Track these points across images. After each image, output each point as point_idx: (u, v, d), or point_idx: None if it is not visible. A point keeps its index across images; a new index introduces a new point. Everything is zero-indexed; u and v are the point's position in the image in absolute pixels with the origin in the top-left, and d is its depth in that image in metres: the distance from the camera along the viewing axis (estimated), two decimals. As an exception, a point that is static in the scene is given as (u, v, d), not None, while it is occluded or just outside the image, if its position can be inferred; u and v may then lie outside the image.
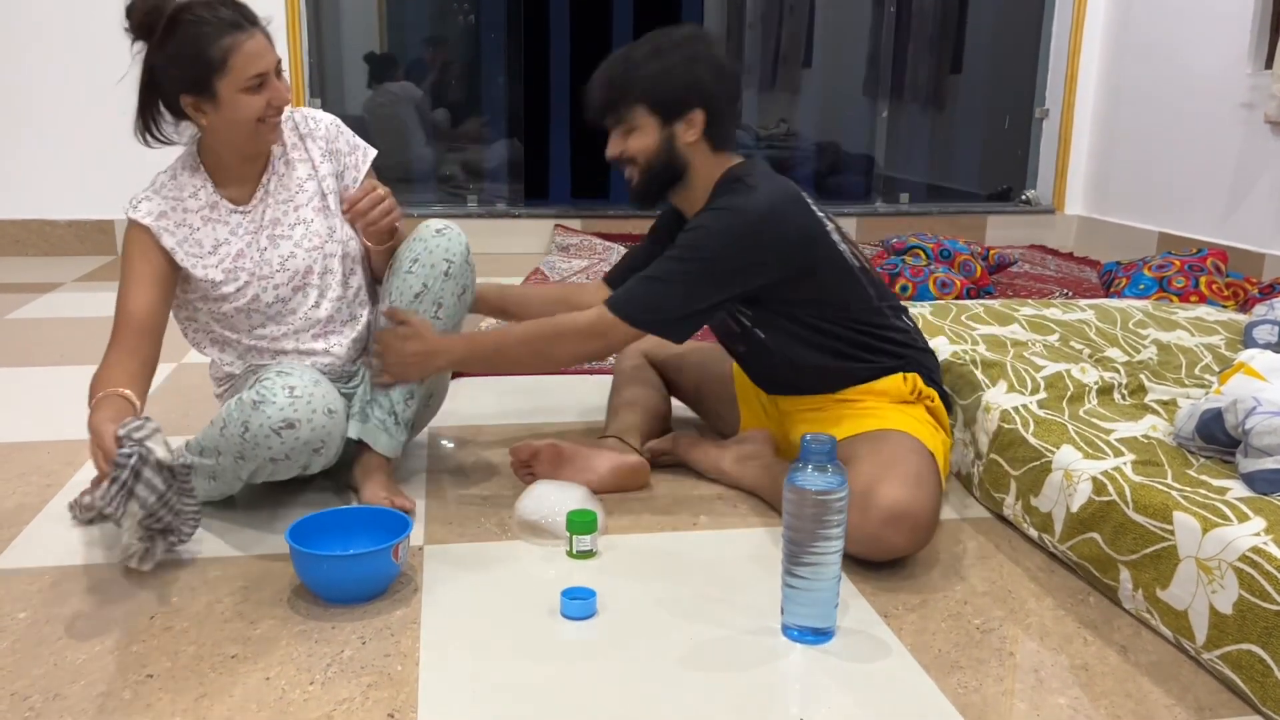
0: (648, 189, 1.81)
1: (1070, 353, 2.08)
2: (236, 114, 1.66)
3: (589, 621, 1.45)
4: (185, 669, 1.32)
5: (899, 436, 1.70)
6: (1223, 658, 1.31)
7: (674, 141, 1.76)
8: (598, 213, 4.73)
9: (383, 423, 1.80)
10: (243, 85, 1.64)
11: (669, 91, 1.74)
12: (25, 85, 4.11)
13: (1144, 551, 1.45)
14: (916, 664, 1.36)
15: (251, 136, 1.71)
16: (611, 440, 1.96)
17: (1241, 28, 3.82)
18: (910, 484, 1.59)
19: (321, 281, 1.82)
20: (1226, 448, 1.58)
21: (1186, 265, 3.26)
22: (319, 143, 1.85)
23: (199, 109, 1.67)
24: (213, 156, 1.77)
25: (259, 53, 1.65)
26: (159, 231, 1.72)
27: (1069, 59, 4.79)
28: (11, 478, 1.93)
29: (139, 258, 1.72)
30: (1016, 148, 5.19)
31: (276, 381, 1.62)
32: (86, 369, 2.67)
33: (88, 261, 4.15)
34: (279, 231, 1.79)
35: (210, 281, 1.76)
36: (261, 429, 1.59)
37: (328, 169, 1.84)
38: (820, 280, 1.76)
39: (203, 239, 1.76)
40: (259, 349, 1.82)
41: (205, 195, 1.77)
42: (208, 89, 1.64)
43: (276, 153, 1.82)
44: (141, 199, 1.74)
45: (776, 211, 1.71)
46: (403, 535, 1.51)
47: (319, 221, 1.81)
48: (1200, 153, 4.05)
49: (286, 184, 1.81)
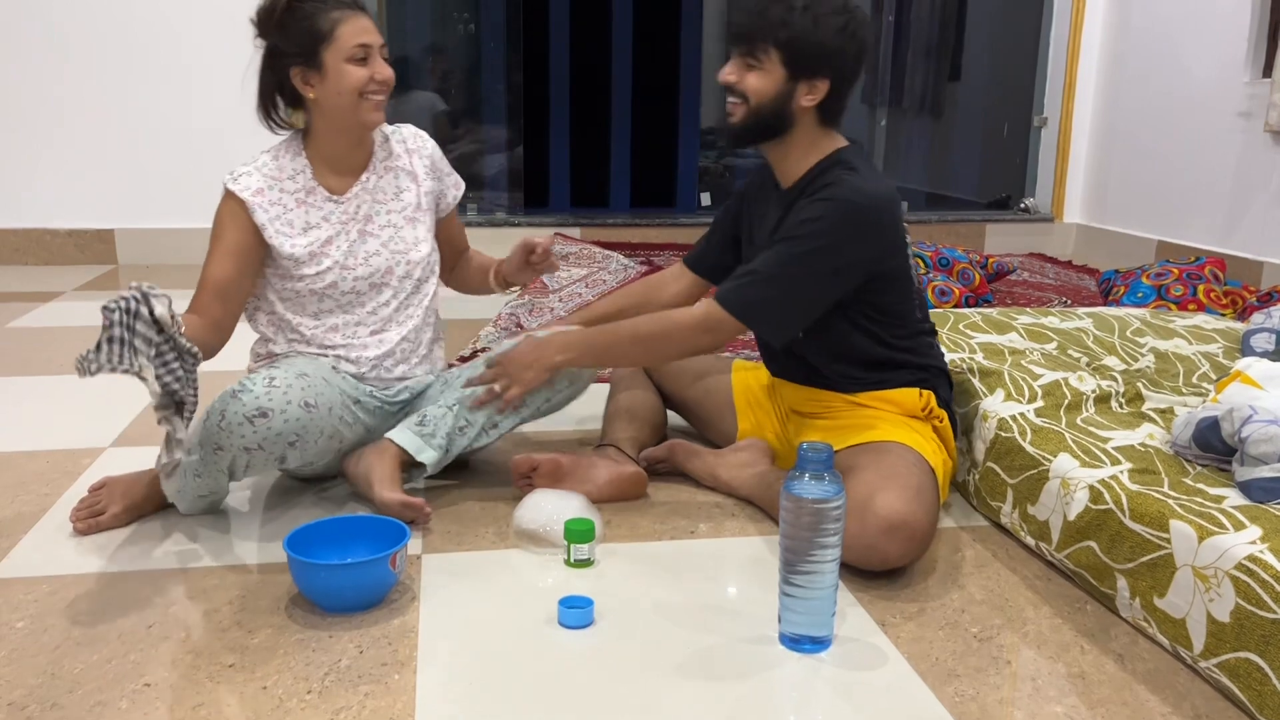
0: (745, 130, 1.78)
1: (1068, 361, 2.08)
2: (341, 84, 1.76)
3: (586, 630, 1.45)
4: (183, 678, 1.32)
5: (902, 449, 1.70)
6: (1220, 666, 1.31)
7: (791, 98, 1.74)
8: (597, 221, 4.74)
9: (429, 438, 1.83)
10: (347, 54, 1.75)
11: (809, 49, 1.71)
12: (26, 94, 4.12)
13: (1141, 560, 1.45)
14: (914, 672, 1.36)
15: (354, 110, 1.79)
16: (609, 450, 1.96)
17: (1239, 36, 3.83)
18: (910, 495, 1.59)
19: (398, 284, 1.91)
20: (1223, 456, 1.58)
21: (1185, 273, 3.27)
22: (424, 160, 1.97)
23: (307, 82, 1.78)
24: (317, 143, 1.86)
25: (365, 28, 1.78)
26: (253, 207, 1.80)
27: (1067, 67, 4.80)
28: (10, 486, 1.93)
29: (229, 228, 1.80)
30: (1015, 156, 5.20)
31: (261, 373, 1.66)
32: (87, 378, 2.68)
33: (88, 270, 4.15)
34: (369, 229, 1.88)
35: (293, 259, 1.82)
36: (236, 416, 1.62)
37: (430, 186, 1.96)
38: (893, 283, 1.78)
39: (294, 219, 1.83)
40: (310, 338, 1.86)
41: (303, 180, 1.85)
42: (315, 59, 1.76)
43: (380, 155, 1.92)
44: (241, 173, 1.82)
45: (889, 206, 1.73)
46: (400, 544, 1.51)
47: (407, 230, 1.92)
48: (1198, 161, 4.06)
49: (385, 186, 1.91)
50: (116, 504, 1.75)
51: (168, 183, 4.23)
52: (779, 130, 1.77)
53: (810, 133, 1.78)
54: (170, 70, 4.18)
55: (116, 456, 2.09)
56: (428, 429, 1.83)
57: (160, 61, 4.17)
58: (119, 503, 1.75)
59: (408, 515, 1.72)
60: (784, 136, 1.78)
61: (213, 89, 4.22)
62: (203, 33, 4.18)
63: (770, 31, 1.71)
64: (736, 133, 1.79)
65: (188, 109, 4.21)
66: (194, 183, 4.26)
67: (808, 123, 1.77)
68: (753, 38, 1.73)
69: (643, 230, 4.74)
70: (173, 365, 1.54)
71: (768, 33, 1.71)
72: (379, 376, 1.90)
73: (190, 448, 1.68)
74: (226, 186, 1.81)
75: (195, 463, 1.69)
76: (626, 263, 4.21)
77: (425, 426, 1.84)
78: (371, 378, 1.90)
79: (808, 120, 1.76)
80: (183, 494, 1.73)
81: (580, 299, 3.57)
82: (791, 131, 1.77)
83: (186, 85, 4.20)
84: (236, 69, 4.30)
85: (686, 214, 5.02)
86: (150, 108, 4.19)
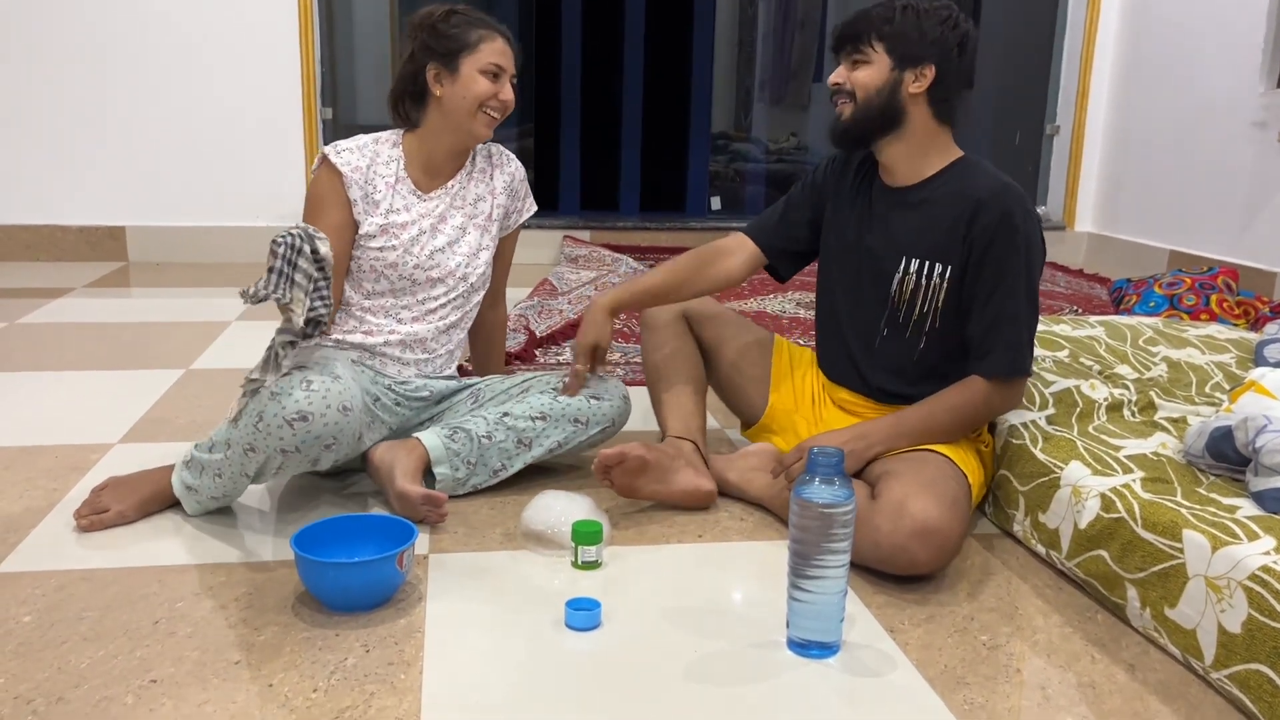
0: (856, 125, 1.76)
1: (1080, 369, 2.07)
2: (468, 90, 1.89)
3: (593, 633, 1.45)
4: (189, 674, 1.32)
5: (941, 460, 1.69)
6: (1231, 677, 1.30)
7: (899, 88, 1.73)
8: (606, 224, 4.74)
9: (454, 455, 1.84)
10: (482, 66, 1.89)
11: (912, 35, 1.72)
12: (38, 92, 4.13)
13: (1152, 569, 1.44)
14: (922, 679, 1.35)
15: (470, 117, 1.91)
16: (686, 448, 1.91)
17: (1254, 47, 3.82)
18: (946, 504, 1.58)
19: (455, 283, 1.98)
20: (1236, 466, 1.57)
21: (1197, 283, 3.25)
22: (504, 177, 2.06)
23: (439, 79, 1.90)
24: (421, 141, 1.96)
25: (504, 51, 1.93)
26: (349, 182, 1.90)
27: (1080, 76, 4.79)
28: (18, 482, 1.93)
29: (330, 204, 1.90)
30: (1027, 164, 5.19)
31: (295, 376, 1.66)
32: (95, 374, 2.70)
33: (98, 267, 4.16)
34: (441, 227, 1.97)
35: (367, 234, 1.91)
36: (275, 419, 1.62)
37: (503, 201, 2.05)
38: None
39: (379, 200, 1.92)
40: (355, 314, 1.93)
41: (395, 169, 1.95)
42: (454, 62, 1.89)
43: (468, 166, 2.02)
44: (344, 148, 1.93)
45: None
46: (408, 543, 1.50)
47: (474, 236, 2.00)
48: (1211, 171, 4.05)
49: (466, 194, 2.01)
50: (120, 502, 1.74)
51: (178, 180, 4.25)
52: (892, 124, 1.75)
53: (926, 127, 1.77)
54: (182, 68, 4.20)
55: (124, 453, 2.09)
56: (456, 445, 1.84)
57: (172, 60, 4.19)
58: (123, 501, 1.75)
59: (423, 511, 1.72)
60: (898, 131, 1.76)
61: (224, 88, 4.24)
62: (214, 31, 4.19)
63: (873, 26, 1.73)
64: (847, 129, 1.78)
65: (199, 108, 4.22)
66: (205, 181, 4.28)
67: (921, 115, 1.75)
68: (857, 36, 1.75)
69: (652, 234, 4.74)
70: (327, 296, 1.66)
71: (871, 27, 1.74)
72: (396, 358, 1.94)
73: (215, 445, 1.70)
74: (328, 157, 1.90)
75: (219, 461, 1.69)
76: (636, 266, 4.20)
77: (455, 443, 1.85)
78: (389, 356, 1.93)
79: (920, 113, 1.75)
80: (195, 493, 1.74)
81: (590, 302, 3.56)
82: (905, 125, 1.76)
83: (198, 83, 4.21)
84: (248, 68, 4.34)
85: (696, 218, 5.02)
86: (162, 106, 4.20)
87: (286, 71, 4.25)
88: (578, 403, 1.95)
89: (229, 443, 1.67)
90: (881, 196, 1.84)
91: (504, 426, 1.89)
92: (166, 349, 2.93)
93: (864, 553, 1.58)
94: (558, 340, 3.05)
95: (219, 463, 1.69)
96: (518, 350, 2.86)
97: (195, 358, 2.82)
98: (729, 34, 6.16)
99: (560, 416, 1.93)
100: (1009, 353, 1.71)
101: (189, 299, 3.63)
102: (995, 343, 1.71)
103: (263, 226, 4.31)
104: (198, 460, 1.73)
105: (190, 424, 2.29)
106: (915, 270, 1.77)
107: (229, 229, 4.33)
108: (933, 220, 1.76)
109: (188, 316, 3.35)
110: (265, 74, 4.25)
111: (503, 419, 1.90)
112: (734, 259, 1.99)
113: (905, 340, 1.81)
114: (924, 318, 1.78)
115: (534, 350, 2.91)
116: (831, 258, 1.93)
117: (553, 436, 1.92)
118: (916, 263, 1.77)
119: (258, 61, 4.24)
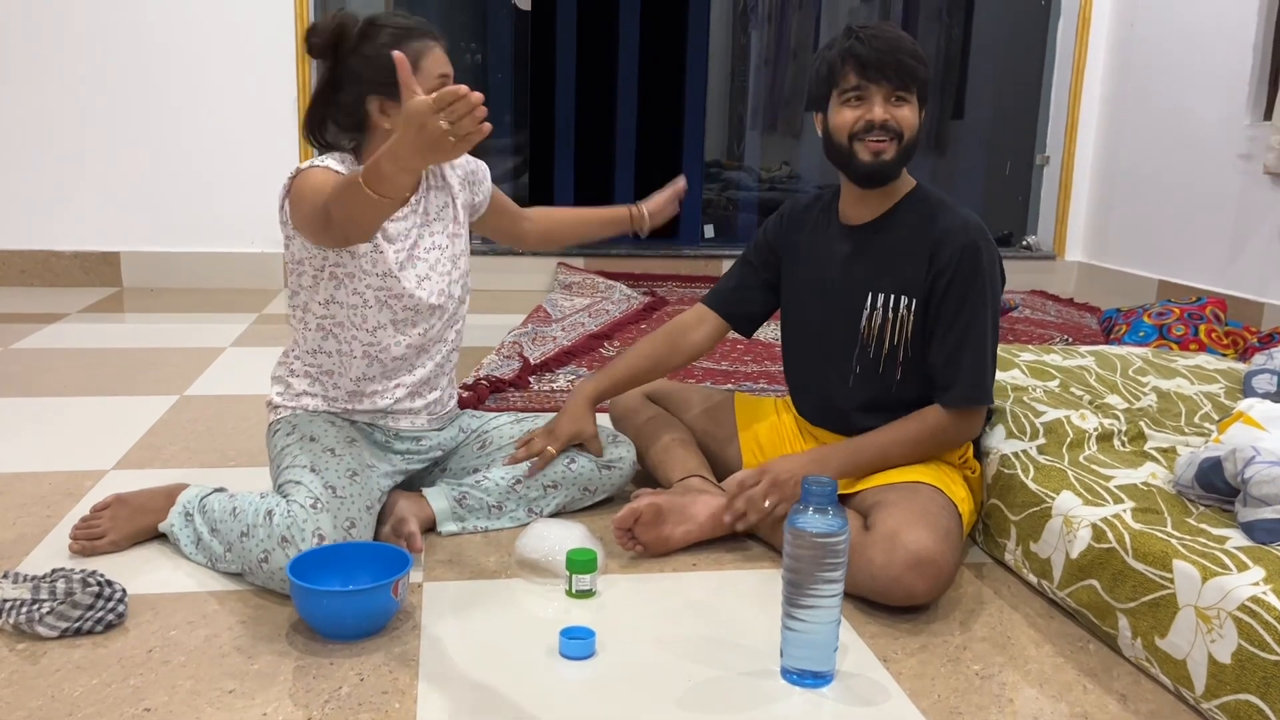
0: (897, 166, 1.75)
1: (1070, 399, 2.09)
2: None
3: (587, 661, 1.45)
4: (182, 703, 1.31)
5: (932, 491, 1.70)
6: (1221, 708, 1.31)
7: (921, 128, 1.74)
8: (600, 251, 4.76)
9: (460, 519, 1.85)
10: (430, 87, 1.63)
11: (926, 79, 1.73)
12: (32, 116, 4.15)
13: (1143, 599, 1.45)
14: (915, 709, 1.36)
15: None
16: (694, 480, 1.91)
17: (1240, 79, 3.86)
18: (940, 535, 1.59)
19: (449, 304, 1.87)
20: (1226, 496, 1.58)
21: (1186, 313, 3.28)
22: (456, 174, 1.92)
23: (384, 111, 1.72)
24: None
25: (442, 59, 1.73)
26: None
27: (1070, 106, 4.84)
28: (12, 508, 1.93)
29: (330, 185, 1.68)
30: (1017, 193, 5.23)
31: (308, 524, 1.57)
32: (89, 400, 2.70)
33: (92, 293, 4.17)
34: (416, 253, 1.82)
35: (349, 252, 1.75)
36: (281, 571, 1.55)
37: (464, 198, 1.93)
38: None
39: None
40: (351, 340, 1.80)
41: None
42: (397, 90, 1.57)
43: (425, 179, 1.86)
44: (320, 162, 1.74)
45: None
46: (403, 572, 1.51)
47: (450, 246, 1.87)
48: (1199, 202, 4.09)
49: (430, 207, 1.87)
50: (116, 531, 1.74)
51: (173, 205, 4.26)
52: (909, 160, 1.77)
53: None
54: (177, 93, 4.22)
55: (118, 479, 2.09)
56: (464, 511, 1.86)
57: (167, 85, 4.21)
58: (119, 530, 1.74)
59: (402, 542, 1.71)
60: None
61: (219, 112, 4.25)
62: (210, 57, 4.21)
63: (920, 64, 1.71)
64: (887, 170, 1.74)
65: (194, 132, 4.24)
66: (200, 206, 4.29)
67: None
68: (911, 75, 1.70)
69: (646, 261, 4.76)
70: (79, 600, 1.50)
71: (919, 71, 1.71)
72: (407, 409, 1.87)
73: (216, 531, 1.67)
74: (314, 165, 1.71)
75: (222, 555, 1.66)
76: (630, 293, 4.22)
77: (463, 508, 1.85)
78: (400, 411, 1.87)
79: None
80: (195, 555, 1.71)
81: (583, 328, 3.57)
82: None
83: (193, 108, 4.23)
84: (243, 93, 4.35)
85: (690, 245, 5.04)
86: (156, 131, 4.22)
87: (282, 97, 4.27)
88: (589, 472, 1.94)
89: (229, 544, 1.63)
90: (842, 236, 1.85)
91: (515, 495, 1.88)
92: (160, 375, 2.93)
93: (860, 585, 1.58)
94: (552, 367, 3.06)
95: (207, 542, 1.67)
96: (511, 377, 2.87)
97: (189, 384, 2.82)
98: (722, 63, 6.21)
99: (571, 484, 1.93)
100: (971, 383, 1.74)
101: (183, 324, 3.64)
102: (957, 373, 1.74)
103: (258, 252, 4.32)
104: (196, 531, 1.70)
105: (184, 450, 2.29)
106: (882, 305, 1.79)
107: (224, 254, 4.34)
108: (895, 254, 1.78)
109: (182, 342, 3.35)
110: (261, 99, 4.27)
111: (514, 487, 1.88)
112: (699, 332, 2.02)
113: (880, 376, 1.82)
114: (895, 350, 1.80)
115: (528, 377, 2.92)
116: (798, 305, 1.94)
117: (559, 500, 1.93)
118: (883, 297, 1.79)
119: (253, 87, 4.26)
